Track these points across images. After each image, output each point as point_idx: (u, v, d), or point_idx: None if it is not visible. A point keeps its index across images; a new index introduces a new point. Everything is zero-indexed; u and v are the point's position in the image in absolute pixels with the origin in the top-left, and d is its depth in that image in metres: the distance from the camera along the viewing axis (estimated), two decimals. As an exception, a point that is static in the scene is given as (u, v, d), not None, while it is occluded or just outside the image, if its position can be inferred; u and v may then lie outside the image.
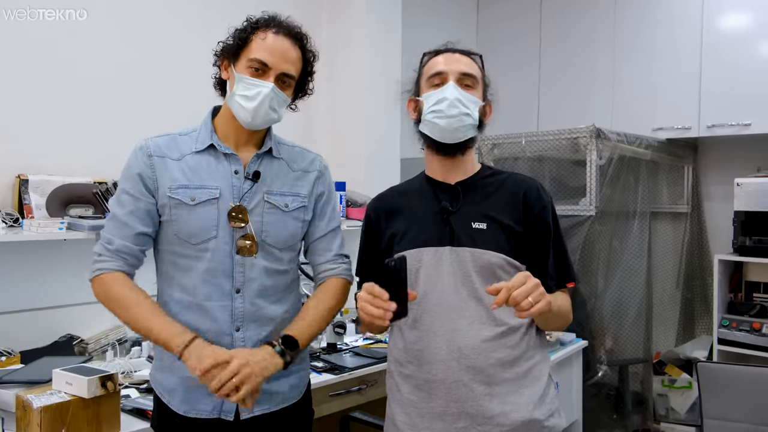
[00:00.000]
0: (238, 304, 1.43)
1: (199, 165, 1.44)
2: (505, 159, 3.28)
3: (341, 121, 3.19)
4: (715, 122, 3.29)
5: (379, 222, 1.51)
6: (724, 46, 3.29)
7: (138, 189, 1.42)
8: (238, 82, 1.41)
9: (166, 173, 1.42)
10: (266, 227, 1.45)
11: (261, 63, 1.40)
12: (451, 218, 1.42)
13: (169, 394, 1.44)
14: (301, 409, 1.56)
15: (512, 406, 1.35)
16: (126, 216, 1.42)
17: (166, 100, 2.54)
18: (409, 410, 1.40)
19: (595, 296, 3.05)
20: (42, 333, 2.18)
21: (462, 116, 1.40)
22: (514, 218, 1.42)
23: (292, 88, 1.47)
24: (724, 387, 2.11)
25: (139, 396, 1.85)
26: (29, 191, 2.14)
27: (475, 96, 1.44)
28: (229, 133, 1.47)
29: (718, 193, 3.67)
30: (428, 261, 1.40)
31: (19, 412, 1.53)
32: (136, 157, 1.44)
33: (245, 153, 1.48)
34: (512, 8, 4.12)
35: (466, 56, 1.48)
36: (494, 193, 1.46)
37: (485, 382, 1.35)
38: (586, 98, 3.76)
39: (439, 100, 1.41)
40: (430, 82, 1.45)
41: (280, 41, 1.42)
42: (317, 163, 1.59)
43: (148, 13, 2.55)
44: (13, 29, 2.18)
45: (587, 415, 2.95)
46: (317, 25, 3.17)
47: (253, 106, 1.39)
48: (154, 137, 1.47)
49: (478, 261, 1.38)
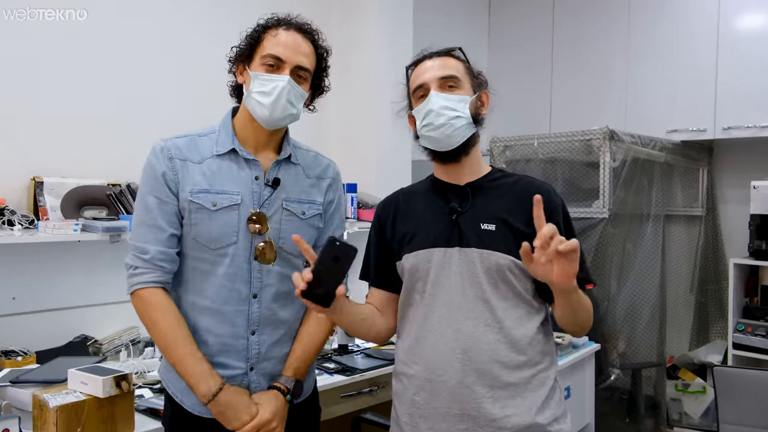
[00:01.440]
0: (255, 309, 1.44)
1: (220, 169, 1.43)
2: (517, 161, 3.26)
3: (352, 123, 3.20)
4: (731, 124, 3.26)
5: (388, 223, 1.51)
6: (740, 46, 3.26)
7: (163, 191, 1.41)
8: (254, 80, 1.40)
9: (187, 176, 1.41)
10: (284, 234, 1.46)
11: (275, 58, 1.40)
12: (460, 219, 1.41)
13: (181, 394, 1.45)
14: (309, 407, 1.57)
15: (513, 409, 1.34)
16: (155, 220, 1.40)
17: (178, 100, 2.55)
18: (412, 411, 1.40)
19: (608, 299, 3.03)
20: (57, 333, 2.20)
21: (452, 121, 1.39)
22: (523, 220, 1.40)
23: (308, 83, 1.47)
24: (741, 392, 2.09)
25: (153, 396, 1.87)
26: (44, 193, 2.17)
27: (461, 94, 1.42)
28: (248, 136, 1.47)
29: (733, 196, 3.63)
30: (437, 261, 1.39)
31: (36, 411, 1.55)
32: (158, 158, 1.42)
33: (264, 157, 1.48)
34: (524, 9, 4.11)
35: (443, 57, 1.46)
36: (504, 195, 1.45)
37: (488, 384, 1.34)
38: (600, 100, 3.74)
39: (426, 113, 1.40)
40: (416, 95, 1.45)
41: (293, 36, 1.42)
42: (331, 171, 1.60)
43: (159, 13, 2.56)
44: (25, 32, 2.20)
45: (599, 419, 2.93)
46: (328, 26, 3.13)
47: (271, 101, 1.39)
48: (173, 138, 1.46)
49: (486, 262, 1.37)
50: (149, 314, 1.40)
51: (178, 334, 1.38)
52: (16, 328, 2.11)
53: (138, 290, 1.40)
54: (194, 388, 1.37)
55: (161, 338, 1.39)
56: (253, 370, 1.45)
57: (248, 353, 1.44)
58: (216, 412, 1.37)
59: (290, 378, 1.47)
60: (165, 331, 1.38)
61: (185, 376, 1.38)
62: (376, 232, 1.54)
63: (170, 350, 1.39)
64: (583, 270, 1.43)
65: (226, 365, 1.43)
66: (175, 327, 1.39)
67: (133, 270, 1.41)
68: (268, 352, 1.46)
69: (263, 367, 1.46)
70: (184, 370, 1.37)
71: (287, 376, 1.47)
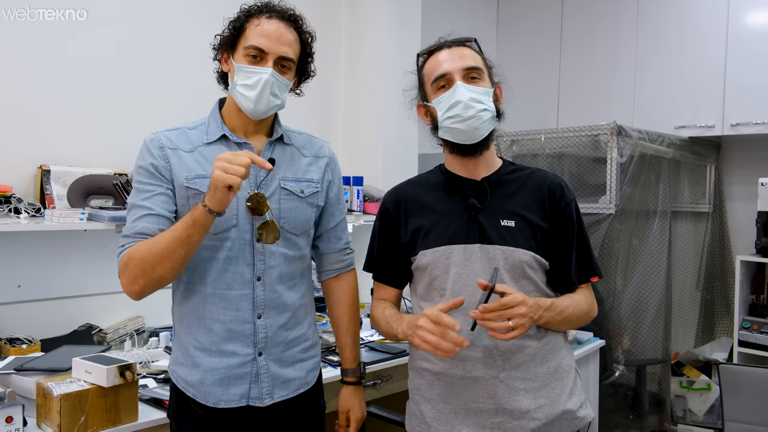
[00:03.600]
0: (259, 292, 1.44)
1: (212, 155, 1.42)
2: (524, 155, 3.25)
3: (359, 116, 3.19)
4: (740, 120, 3.23)
5: (398, 215, 1.49)
6: (749, 42, 3.23)
7: (153, 177, 1.41)
8: (238, 72, 1.41)
9: (180, 164, 1.42)
10: (284, 214, 1.46)
11: (257, 49, 1.39)
12: (480, 215, 1.40)
13: (194, 388, 1.44)
14: (314, 396, 1.58)
15: (546, 399, 1.37)
16: (144, 201, 1.39)
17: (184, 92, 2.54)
18: (440, 406, 1.40)
19: (613, 295, 3.02)
20: (62, 322, 2.20)
21: (480, 114, 1.37)
22: (540, 215, 1.41)
23: (292, 72, 1.46)
24: (746, 389, 2.08)
25: (157, 386, 1.87)
26: (51, 182, 2.17)
27: (485, 86, 1.40)
28: (236, 124, 1.47)
29: (741, 192, 3.61)
30: (458, 259, 1.39)
31: (40, 399, 1.55)
32: (148, 150, 1.43)
33: (256, 141, 1.48)
34: (533, 3, 4.08)
35: (461, 47, 1.43)
36: (520, 190, 1.44)
37: (520, 377, 1.36)
38: (608, 95, 3.71)
39: (452, 104, 1.37)
40: (436, 85, 1.41)
41: (275, 25, 1.41)
42: (326, 150, 1.60)
43: (174, 10, 2.56)
44: (33, 24, 2.20)
45: (603, 415, 2.93)
46: (336, 19, 3.16)
47: (255, 94, 1.39)
48: (164, 131, 1.46)
49: (509, 259, 1.37)
50: (138, 250, 1.32)
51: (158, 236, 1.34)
52: (22, 316, 2.12)
53: (123, 254, 1.35)
54: (193, 222, 1.29)
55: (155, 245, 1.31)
56: (261, 355, 1.44)
57: (255, 338, 1.43)
58: (210, 190, 1.28)
59: (355, 368, 1.63)
60: (154, 241, 1.33)
61: (181, 234, 1.29)
62: (385, 225, 1.52)
63: (159, 244, 1.31)
64: (589, 263, 1.44)
65: (234, 352, 1.42)
66: (153, 237, 1.34)
67: (120, 247, 1.37)
68: (275, 337, 1.46)
69: (272, 352, 1.45)
70: (174, 235, 1.30)
71: (353, 368, 1.63)
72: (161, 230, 1.36)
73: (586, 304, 1.44)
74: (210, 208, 1.28)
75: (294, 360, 1.50)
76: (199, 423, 1.44)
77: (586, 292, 1.46)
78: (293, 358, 1.50)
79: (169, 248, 1.31)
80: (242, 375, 1.43)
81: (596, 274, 1.46)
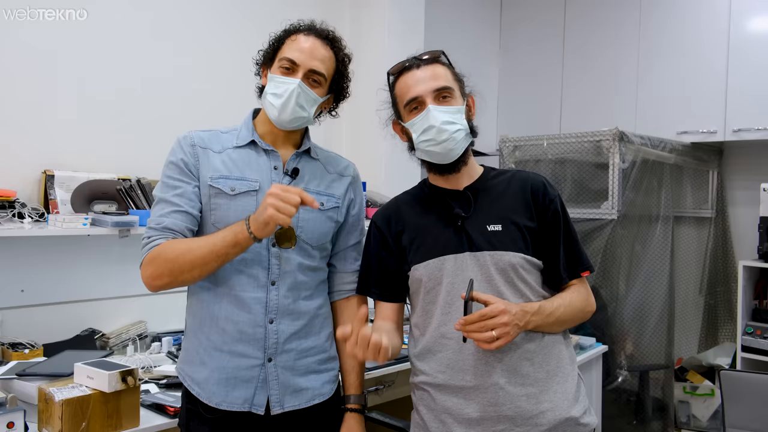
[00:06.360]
0: (273, 297, 1.44)
1: (240, 158, 1.47)
2: (526, 161, 3.25)
3: (362, 121, 3.19)
4: (742, 126, 3.23)
5: (390, 234, 1.50)
6: (751, 48, 3.23)
7: (183, 173, 1.45)
8: (270, 82, 1.46)
9: (208, 163, 1.46)
10: (302, 224, 1.47)
11: (290, 61, 1.44)
12: (466, 223, 1.42)
13: (199, 387, 1.45)
14: (332, 408, 1.55)
15: (549, 404, 1.36)
16: (173, 197, 1.43)
17: (189, 98, 2.56)
18: (444, 417, 1.40)
19: (616, 301, 3.02)
20: (64, 326, 2.21)
21: (453, 135, 1.39)
22: (527, 216, 1.42)
23: (323, 88, 1.49)
24: (748, 395, 2.08)
25: (159, 391, 1.87)
26: (55, 187, 2.18)
27: (456, 104, 1.42)
28: (266, 134, 1.51)
29: (743, 198, 3.60)
30: (450, 269, 1.39)
31: (41, 404, 1.55)
32: (180, 146, 1.47)
33: (284, 151, 1.51)
34: (536, 9, 4.09)
35: (431, 65, 1.44)
36: (503, 193, 1.46)
37: (520, 383, 1.35)
38: (610, 101, 3.72)
39: (425, 129, 1.40)
40: (409, 107, 1.43)
41: (311, 41, 1.46)
42: (351, 169, 1.63)
43: (179, 11, 2.57)
44: (38, 28, 2.21)
45: (607, 421, 2.92)
46: (339, 24, 3.15)
47: (281, 103, 1.43)
48: (198, 131, 1.51)
49: (499, 263, 1.38)
50: (168, 251, 1.36)
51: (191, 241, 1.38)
52: (24, 321, 2.13)
53: (151, 251, 1.37)
54: (234, 243, 1.33)
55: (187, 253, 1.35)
56: (271, 361, 1.44)
57: (266, 342, 1.43)
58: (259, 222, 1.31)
59: (359, 395, 1.56)
60: (188, 246, 1.36)
61: (219, 250, 1.33)
62: (377, 244, 1.52)
63: (194, 252, 1.34)
64: (578, 257, 1.43)
65: (244, 354, 1.43)
66: (187, 241, 1.38)
67: (147, 239, 1.40)
68: (286, 344, 1.45)
69: (282, 359, 1.45)
70: (212, 249, 1.34)
71: (356, 395, 1.55)
72: (188, 228, 1.42)
73: (579, 301, 1.44)
74: (255, 235, 1.32)
75: (308, 370, 1.48)
76: (205, 428, 1.44)
77: (579, 288, 1.45)
78: (307, 368, 1.49)
79: (203, 259, 1.35)
80: (249, 378, 1.43)
81: (587, 269, 1.46)
